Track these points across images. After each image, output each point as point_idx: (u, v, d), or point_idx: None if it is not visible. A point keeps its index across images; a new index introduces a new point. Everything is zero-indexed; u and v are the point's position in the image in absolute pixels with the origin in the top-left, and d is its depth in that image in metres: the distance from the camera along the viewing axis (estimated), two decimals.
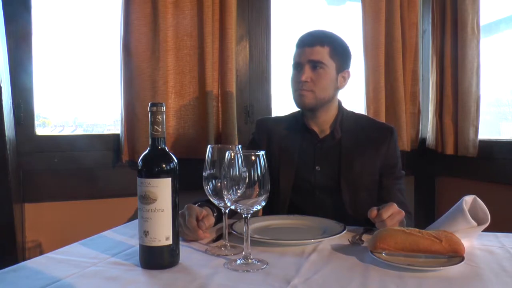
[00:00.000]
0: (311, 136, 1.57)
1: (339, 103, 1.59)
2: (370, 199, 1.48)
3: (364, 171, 1.50)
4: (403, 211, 1.24)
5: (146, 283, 0.89)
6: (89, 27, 2.07)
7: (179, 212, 1.12)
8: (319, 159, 1.54)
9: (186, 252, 1.07)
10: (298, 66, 1.51)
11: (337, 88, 1.54)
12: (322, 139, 1.56)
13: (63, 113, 2.29)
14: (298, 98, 1.51)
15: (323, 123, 1.56)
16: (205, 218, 1.20)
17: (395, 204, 1.23)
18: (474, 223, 1.13)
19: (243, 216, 0.98)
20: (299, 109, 1.61)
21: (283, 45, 2.38)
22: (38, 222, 1.94)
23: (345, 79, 1.55)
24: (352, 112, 1.63)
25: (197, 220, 1.18)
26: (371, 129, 1.57)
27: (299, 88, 1.49)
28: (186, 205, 1.22)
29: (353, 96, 2.34)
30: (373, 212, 1.21)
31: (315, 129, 1.57)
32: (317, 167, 1.54)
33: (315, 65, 1.47)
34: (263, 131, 1.66)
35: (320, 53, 1.47)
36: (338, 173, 1.50)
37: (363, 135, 1.54)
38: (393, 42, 2.31)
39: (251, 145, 1.68)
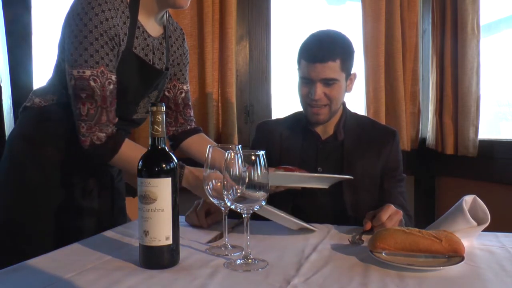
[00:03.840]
0: (313, 137, 1.56)
1: (343, 104, 1.58)
2: (371, 200, 1.48)
3: (366, 173, 1.50)
4: (401, 211, 1.24)
5: (146, 283, 0.89)
6: None
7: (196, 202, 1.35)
8: (321, 160, 1.54)
9: (186, 252, 1.07)
10: (308, 81, 1.45)
11: (346, 93, 1.53)
12: (325, 140, 1.55)
13: None
14: (313, 116, 1.49)
15: (327, 124, 1.55)
16: (214, 214, 1.33)
17: (392, 205, 1.23)
18: (474, 223, 1.13)
19: (243, 216, 0.98)
20: (301, 110, 1.60)
21: (283, 45, 2.38)
22: None
23: (352, 81, 1.54)
24: (355, 114, 1.62)
25: (208, 212, 1.32)
26: (374, 131, 1.56)
27: (312, 104, 1.47)
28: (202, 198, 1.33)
29: (353, 96, 2.34)
30: (367, 225, 1.21)
31: (318, 130, 1.56)
32: (319, 169, 1.53)
33: (328, 82, 1.43)
34: (261, 136, 1.65)
35: (332, 68, 1.42)
36: (339, 174, 1.50)
37: (365, 137, 1.53)
38: (393, 42, 2.31)
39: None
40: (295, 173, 1.33)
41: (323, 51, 1.42)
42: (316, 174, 1.34)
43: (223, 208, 1.10)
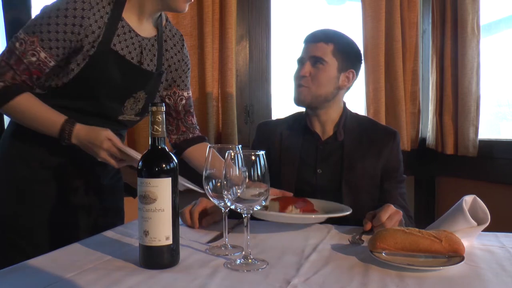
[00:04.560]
0: (312, 137, 1.56)
1: (344, 104, 1.58)
2: (371, 201, 1.48)
3: (366, 174, 1.49)
4: (401, 211, 1.24)
5: (146, 283, 0.89)
6: None
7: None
8: (321, 161, 1.53)
9: (186, 252, 1.07)
10: (300, 61, 1.52)
11: (338, 88, 1.52)
12: (325, 141, 1.55)
13: None
14: (295, 94, 1.53)
15: (326, 123, 1.55)
16: (210, 216, 1.30)
17: (392, 205, 1.23)
18: (474, 223, 1.13)
19: (243, 216, 0.98)
20: (301, 110, 1.60)
21: (283, 45, 2.38)
22: None
23: (348, 79, 1.53)
24: (356, 114, 1.62)
25: (203, 213, 1.30)
26: (374, 131, 1.56)
27: (297, 83, 1.51)
28: (199, 198, 1.32)
29: (353, 96, 2.34)
30: (367, 225, 1.21)
31: (317, 130, 1.56)
32: (318, 170, 1.53)
33: (316, 61, 1.48)
34: (262, 136, 1.65)
35: (322, 49, 1.48)
36: (340, 175, 1.50)
37: (366, 138, 1.53)
38: (393, 42, 2.31)
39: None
40: (291, 215, 1.25)
41: (318, 33, 1.51)
42: (313, 216, 1.27)
43: (223, 208, 1.10)
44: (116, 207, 1.54)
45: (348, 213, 1.26)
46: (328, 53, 1.48)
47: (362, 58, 1.59)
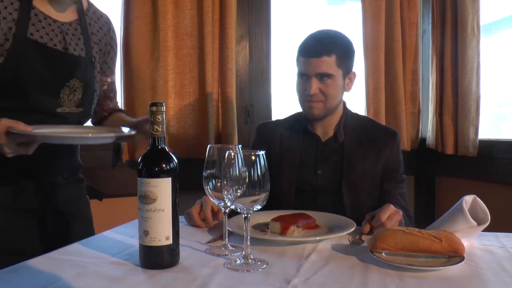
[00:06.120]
0: (313, 138, 1.56)
1: (344, 104, 1.58)
2: (371, 201, 1.48)
3: (366, 174, 1.49)
4: (400, 211, 1.24)
5: (146, 283, 0.89)
6: None
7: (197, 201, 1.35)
8: (321, 162, 1.53)
9: (186, 252, 1.07)
10: (304, 76, 1.47)
11: (344, 92, 1.53)
12: (325, 142, 1.55)
13: None
14: (308, 110, 1.49)
15: (328, 126, 1.55)
16: (219, 212, 1.31)
17: (392, 205, 1.23)
18: (474, 223, 1.13)
19: (243, 216, 0.98)
20: (301, 111, 1.60)
21: (283, 45, 2.38)
22: None
23: (351, 81, 1.53)
24: (356, 114, 1.62)
25: (212, 212, 1.31)
26: (374, 132, 1.55)
27: (307, 99, 1.47)
28: (204, 197, 1.32)
29: (353, 96, 2.34)
30: (365, 228, 1.20)
31: (318, 132, 1.56)
32: (319, 171, 1.53)
33: (323, 77, 1.44)
34: (262, 137, 1.65)
35: (327, 63, 1.42)
36: (340, 176, 1.50)
37: (366, 138, 1.53)
38: (393, 42, 2.32)
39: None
40: (294, 238, 1.19)
41: (318, 45, 1.44)
42: (317, 238, 1.18)
43: (223, 208, 1.10)
44: (67, 209, 1.44)
45: (352, 229, 1.19)
46: (333, 65, 1.43)
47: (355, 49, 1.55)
